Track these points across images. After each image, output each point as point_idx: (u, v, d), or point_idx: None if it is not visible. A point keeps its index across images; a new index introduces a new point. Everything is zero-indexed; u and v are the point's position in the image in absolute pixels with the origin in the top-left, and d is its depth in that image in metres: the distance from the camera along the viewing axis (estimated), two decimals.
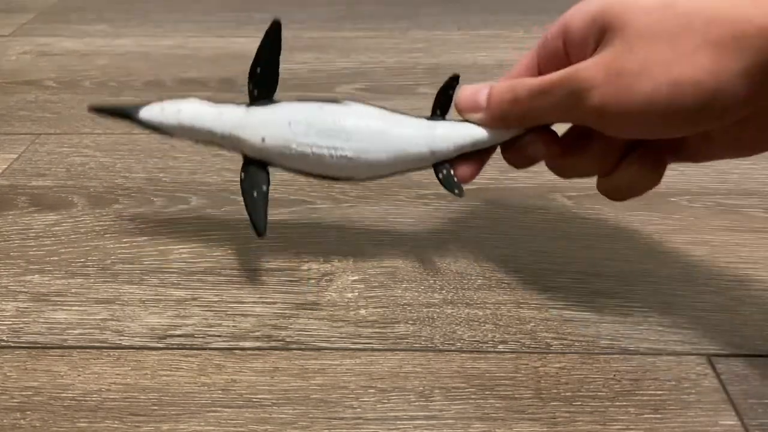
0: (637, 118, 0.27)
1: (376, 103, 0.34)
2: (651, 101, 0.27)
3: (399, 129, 0.33)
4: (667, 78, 0.26)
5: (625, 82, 0.27)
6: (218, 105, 0.35)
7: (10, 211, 0.43)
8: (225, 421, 0.29)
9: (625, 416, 0.29)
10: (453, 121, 0.34)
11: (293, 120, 0.33)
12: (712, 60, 0.26)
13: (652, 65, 0.27)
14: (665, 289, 0.36)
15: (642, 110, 0.27)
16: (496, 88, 0.32)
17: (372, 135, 0.33)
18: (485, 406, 0.30)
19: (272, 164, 0.34)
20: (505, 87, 0.32)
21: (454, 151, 0.33)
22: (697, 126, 0.28)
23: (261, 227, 0.34)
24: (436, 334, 0.33)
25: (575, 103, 0.29)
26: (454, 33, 0.75)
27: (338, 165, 0.33)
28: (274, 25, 0.34)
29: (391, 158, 0.33)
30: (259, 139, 0.33)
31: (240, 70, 0.65)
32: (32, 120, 0.55)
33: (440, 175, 0.34)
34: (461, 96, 0.33)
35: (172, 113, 0.35)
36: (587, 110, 0.28)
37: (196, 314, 0.35)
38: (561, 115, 0.30)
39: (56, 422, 0.29)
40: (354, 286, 0.37)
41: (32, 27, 0.77)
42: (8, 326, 0.34)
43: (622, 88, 0.27)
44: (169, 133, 0.35)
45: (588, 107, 0.28)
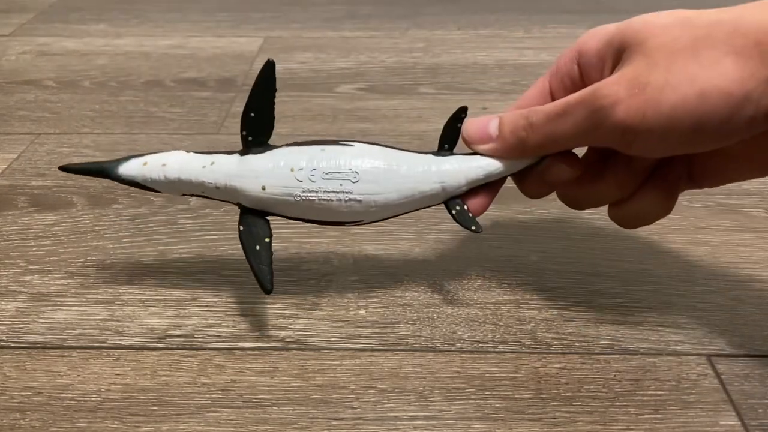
0: (664, 132, 0.27)
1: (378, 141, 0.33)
2: (678, 114, 0.26)
3: (408, 167, 0.31)
4: (694, 89, 0.26)
5: (651, 96, 0.26)
6: (208, 154, 0.32)
7: (10, 211, 0.43)
8: (225, 421, 0.29)
9: (625, 416, 0.29)
10: (462, 155, 0.32)
11: (295, 166, 0.31)
12: (737, 68, 0.25)
13: (677, 77, 0.26)
14: (665, 289, 0.36)
15: (669, 124, 0.26)
16: (508, 117, 0.31)
17: (381, 175, 0.31)
18: (485, 407, 0.30)
19: (273, 213, 0.32)
20: (518, 114, 0.31)
21: (466, 185, 0.32)
22: (725, 138, 0.27)
23: (268, 285, 0.31)
24: (436, 334, 0.33)
25: (598, 121, 0.28)
26: (454, 33, 0.75)
27: (347, 210, 0.31)
28: (267, 66, 0.31)
29: (402, 198, 0.31)
30: (258, 188, 0.31)
31: (239, 70, 0.65)
32: (32, 120, 0.55)
33: (453, 212, 0.32)
34: (469, 128, 0.32)
35: (156, 167, 0.32)
36: (611, 128, 0.27)
37: (196, 314, 0.35)
38: (582, 137, 0.29)
39: (56, 422, 0.29)
40: (354, 286, 0.37)
41: (32, 27, 0.77)
42: (8, 326, 0.34)
43: (647, 102, 0.26)
44: (154, 188, 0.33)
45: (611, 125, 0.27)
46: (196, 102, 0.58)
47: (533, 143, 0.30)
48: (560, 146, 0.31)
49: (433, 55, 0.69)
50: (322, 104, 0.58)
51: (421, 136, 0.52)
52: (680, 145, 0.28)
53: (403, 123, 0.55)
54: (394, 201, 0.31)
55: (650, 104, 0.26)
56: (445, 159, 0.32)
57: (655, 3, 0.84)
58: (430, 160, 0.32)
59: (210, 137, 0.52)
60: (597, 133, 0.28)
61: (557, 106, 0.29)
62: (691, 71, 0.26)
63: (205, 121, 0.55)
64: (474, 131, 0.32)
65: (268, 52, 0.69)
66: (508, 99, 0.59)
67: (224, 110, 0.57)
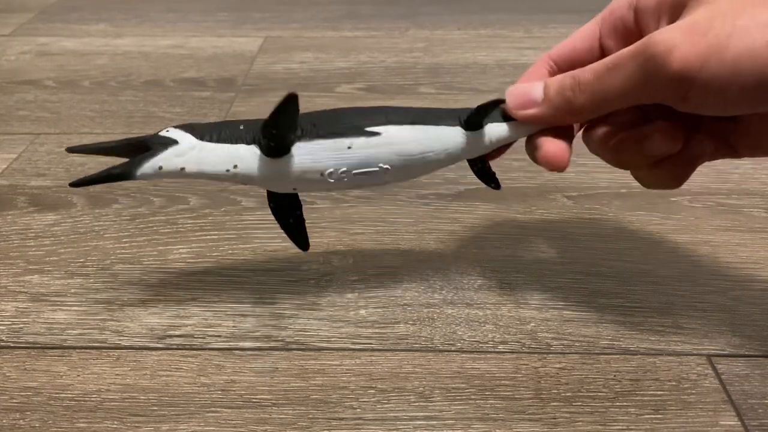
0: (725, 84, 0.24)
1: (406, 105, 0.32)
2: (744, 64, 0.24)
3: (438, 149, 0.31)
4: (765, 37, 0.23)
5: (713, 42, 0.24)
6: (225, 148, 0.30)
7: (10, 211, 0.43)
8: (225, 421, 0.29)
9: (625, 416, 0.29)
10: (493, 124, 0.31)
11: (324, 169, 0.30)
12: None
13: (746, 24, 0.24)
14: (665, 289, 0.36)
15: (732, 75, 0.24)
16: (553, 78, 0.29)
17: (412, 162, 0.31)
18: (485, 407, 0.29)
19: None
20: (564, 75, 0.29)
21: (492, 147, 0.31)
22: None
23: (305, 246, 0.33)
24: (436, 335, 0.33)
25: (652, 72, 0.25)
26: (454, 33, 0.75)
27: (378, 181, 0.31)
28: (289, 98, 0.29)
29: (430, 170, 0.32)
30: (290, 189, 0.31)
31: (239, 70, 0.65)
32: (31, 120, 0.55)
33: (475, 168, 0.32)
34: (511, 94, 0.31)
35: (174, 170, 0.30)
36: (666, 79, 0.25)
37: (196, 314, 0.35)
38: (634, 92, 0.27)
39: (55, 422, 0.29)
40: (354, 286, 0.37)
41: (32, 27, 0.77)
42: (8, 326, 0.34)
43: (709, 48, 0.24)
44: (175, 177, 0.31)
45: (667, 74, 0.25)
46: (196, 102, 0.58)
47: (581, 103, 0.28)
48: (610, 105, 0.28)
49: (433, 55, 0.69)
50: (322, 104, 0.58)
51: None
52: (742, 101, 0.25)
53: None
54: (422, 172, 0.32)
55: (712, 51, 0.24)
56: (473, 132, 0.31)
57: None
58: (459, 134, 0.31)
59: None
60: (650, 87, 0.26)
61: (606, 61, 0.27)
62: (764, 18, 0.24)
63: (205, 121, 0.55)
64: (517, 97, 0.30)
65: (268, 52, 0.69)
66: None
67: (224, 110, 0.57)
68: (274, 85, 0.62)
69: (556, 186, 0.45)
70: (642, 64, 0.25)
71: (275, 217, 0.33)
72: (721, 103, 0.25)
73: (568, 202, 0.44)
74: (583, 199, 0.44)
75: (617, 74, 0.27)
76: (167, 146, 0.29)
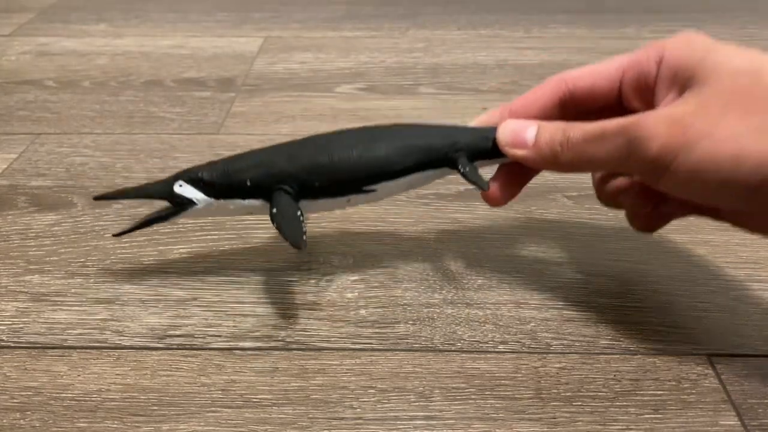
0: (690, 179, 0.27)
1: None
2: (707, 166, 0.26)
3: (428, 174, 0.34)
4: (733, 147, 0.26)
5: (688, 140, 0.27)
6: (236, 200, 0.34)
7: (10, 211, 0.43)
8: (225, 421, 0.29)
9: (625, 416, 0.29)
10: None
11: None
12: None
13: (721, 132, 0.26)
14: (665, 289, 0.36)
15: (696, 173, 0.27)
16: (546, 127, 0.31)
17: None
18: (485, 406, 0.30)
19: None
20: (556, 127, 0.31)
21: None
22: (747, 205, 0.27)
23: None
24: (436, 334, 0.33)
25: (632, 151, 0.28)
26: (454, 33, 0.75)
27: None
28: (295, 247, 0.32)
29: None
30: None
31: (239, 70, 0.65)
32: (32, 120, 0.55)
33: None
34: (505, 130, 0.32)
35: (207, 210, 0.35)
36: (643, 160, 0.28)
37: (196, 314, 0.35)
38: (615, 163, 0.29)
39: (56, 422, 0.29)
40: (354, 286, 0.37)
41: (32, 27, 0.77)
42: (8, 326, 0.34)
43: (683, 145, 0.27)
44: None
45: (645, 157, 0.28)
46: (196, 102, 0.58)
47: (566, 159, 0.30)
48: (592, 168, 0.32)
49: (433, 55, 0.69)
50: (322, 104, 0.58)
51: None
52: (704, 196, 0.28)
53: None
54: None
55: (685, 149, 0.27)
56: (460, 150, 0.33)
57: (655, 3, 0.84)
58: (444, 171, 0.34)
59: (210, 137, 0.52)
60: (630, 163, 0.29)
61: (596, 128, 0.29)
62: (737, 130, 0.26)
63: (205, 121, 0.55)
64: (510, 134, 0.32)
65: (268, 52, 0.69)
66: (508, 99, 0.58)
67: (224, 110, 0.57)
68: (274, 85, 0.62)
69: (556, 186, 0.45)
70: (627, 142, 0.28)
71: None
72: (688, 194, 0.28)
73: (568, 202, 0.44)
74: (583, 199, 0.44)
75: (604, 144, 0.29)
76: (187, 207, 0.34)
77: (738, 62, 0.27)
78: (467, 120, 0.35)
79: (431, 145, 0.33)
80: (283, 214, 0.32)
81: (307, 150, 0.33)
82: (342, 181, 0.33)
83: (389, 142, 0.33)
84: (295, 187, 0.33)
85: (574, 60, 0.67)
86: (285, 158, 0.33)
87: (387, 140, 0.33)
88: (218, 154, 0.50)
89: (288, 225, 0.32)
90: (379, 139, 0.33)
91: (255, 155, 0.34)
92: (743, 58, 0.28)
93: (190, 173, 0.34)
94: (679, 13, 0.80)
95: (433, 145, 0.33)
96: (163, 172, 0.48)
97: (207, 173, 0.34)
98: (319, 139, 0.34)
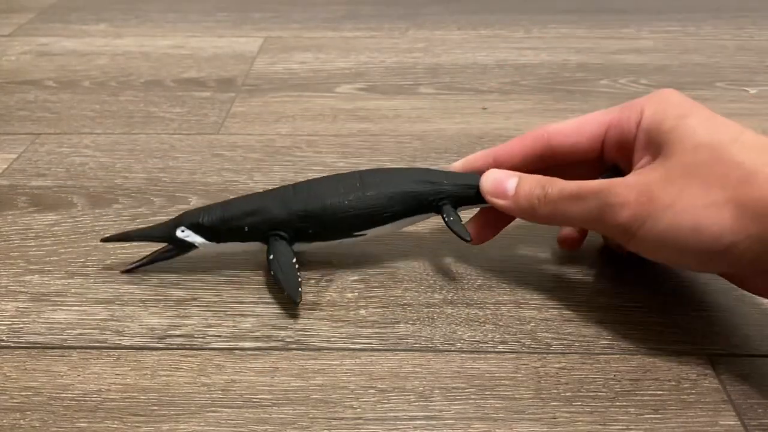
0: (656, 245, 0.30)
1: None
2: (670, 236, 0.29)
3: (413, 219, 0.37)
4: (692, 220, 0.28)
5: (654, 209, 0.29)
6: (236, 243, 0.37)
7: (10, 211, 0.43)
8: (225, 421, 0.29)
9: (625, 416, 0.29)
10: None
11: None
12: (735, 217, 0.27)
13: (682, 203, 0.28)
14: (665, 289, 0.36)
15: (661, 240, 0.29)
16: (526, 181, 0.34)
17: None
18: (485, 406, 0.30)
19: None
20: (536, 182, 0.33)
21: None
22: (708, 269, 0.32)
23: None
24: (436, 334, 0.33)
25: (604, 215, 0.30)
26: (454, 33, 0.75)
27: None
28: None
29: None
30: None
31: (239, 70, 0.65)
32: (32, 120, 0.55)
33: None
34: (488, 179, 0.35)
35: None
36: (615, 225, 0.30)
37: (196, 314, 0.35)
38: (588, 222, 0.32)
39: (56, 422, 0.29)
40: (354, 286, 0.37)
41: (32, 27, 0.77)
42: (8, 326, 0.34)
43: (650, 214, 0.29)
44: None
45: (616, 223, 0.30)
46: (196, 102, 0.58)
47: (542, 213, 0.33)
48: (567, 224, 0.35)
49: (433, 55, 0.69)
50: (322, 104, 0.58)
51: (421, 136, 0.52)
52: (668, 259, 0.31)
53: (403, 123, 0.55)
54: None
55: (651, 216, 0.29)
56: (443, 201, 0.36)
57: (655, 3, 0.84)
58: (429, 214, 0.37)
59: (210, 137, 0.52)
60: (602, 225, 0.31)
61: (573, 189, 0.32)
62: (696, 203, 0.28)
63: (205, 121, 0.55)
64: (492, 185, 0.35)
65: (268, 52, 0.69)
66: (508, 99, 0.59)
67: (224, 110, 0.57)
68: (274, 85, 0.62)
69: None
70: (600, 207, 0.30)
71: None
72: (655, 257, 0.31)
73: None
74: None
75: (579, 205, 0.31)
76: (190, 249, 0.37)
77: (701, 136, 0.29)
78: (467, 119, 0.35)
79: (420, 193, 0.36)
80: (280, 264, 0.35)
81: (301, 196, 0.36)
82: (334, 228, 0.36)
83: (380, 190, 0.36)
84: (290, 233, 0.36)
85: (574, 60, 0.67)
86: (280, 205, 0.36)
87: (377, 188, 0.36)
88: (218, 154, 0.50)
89: (285, 277, 0.34)
90: (369, 186, 0.36)
91: (252, 201, 0.36)
92: (707, 132, 0.29)
93: (191, 218, 0.36)
94: (679, 13, 0.80)
95: (422, 193, 0.36)
96: (163, 172, 0.48)
97: (207, 218, 0.36)
98: (312, 186, 0.36)
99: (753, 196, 0.27)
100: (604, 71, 0.64)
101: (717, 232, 0.28)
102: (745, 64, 0.66)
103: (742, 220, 0.27)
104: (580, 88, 0.61)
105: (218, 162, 0.49)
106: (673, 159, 0.29)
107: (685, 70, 0.65)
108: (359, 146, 0.51)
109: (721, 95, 0.59)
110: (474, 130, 0.53)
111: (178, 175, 0.47)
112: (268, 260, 0.35)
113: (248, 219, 0.36)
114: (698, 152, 0.29)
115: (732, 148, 0.28)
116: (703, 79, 0.63)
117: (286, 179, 0.47)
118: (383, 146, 0.51)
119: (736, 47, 0.70)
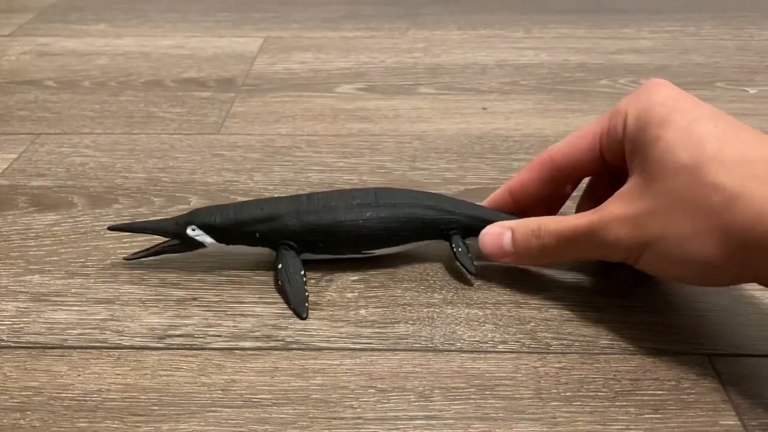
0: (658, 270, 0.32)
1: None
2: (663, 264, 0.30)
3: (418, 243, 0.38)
4: (680, 250, 0.29)
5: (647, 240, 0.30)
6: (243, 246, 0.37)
7: (10, 211, 0.43)
8: (225, 421, 0.29)
9: (625, 416, 0.29)
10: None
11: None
12: (720, 244, 0.28)
13: (671, 234, 0.29)
14: (665, 289, 0.36)
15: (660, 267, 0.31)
16: (519, 233, 0.34)
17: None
18: (485, 406, 0.30)
19: None
20: (529, 233, 0.34)
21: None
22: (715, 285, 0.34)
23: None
24: (436, 334, 0.33)
25: (604, 252, 0.32)
26: (454, 33, 0.75)
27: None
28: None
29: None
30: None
31: (239, 70, 0.65)
32: (32, 120, 0.55)
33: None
34: (486, 241, 0.36)
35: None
36: (615, 254, 0.32)
37: (196, 314, 0.35)
38: (591, 256, 0.34)
39: (56, 422, 0.29)
40: (354, 286, 0.37)
41: (32, 27, 0.77)
42: (8, 326, 0.34)
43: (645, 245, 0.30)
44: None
45: (616, 257, 0.32)
46: (196, 102, 0.58)
47: (544, 258, 0.35)
48: (569, 260, 0.37)
49: (433, 55, 0.69)
50: (322, 104, 0.58)
51: (421, 136, 0.52)
52: (675, 279, 0.34)
53: (403, 123, 0.55)
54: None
55: (646, 248, 0.30)
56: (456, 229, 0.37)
57: (655, 3, 0.84)
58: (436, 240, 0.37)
59: (210, 137, 0.53)
60: (603, 255, 0.33)
61: (567, 234, 0.33)
62: (682, 233, 0.29)
63: (205, 121, 0.55)
64: (491, 246, 0.35)
65: (268, 52, 0.69)
66: (507, 99, 0.59)
67: (224, 110, 0.57)
68: (274, 85, 0.62)
69: None
70: (597, 245, 0.32)
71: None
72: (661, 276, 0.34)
73: (569, 201, 0.44)
74: None
75: (576, 246, 0.33)
76: (198, 247, 0.37)
77: (681, 156, 0.29)
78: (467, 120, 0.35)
79: (432, 220, 0.37)
80: (288, 276, 0.35)
81: (314, 208, 0.36)
82: (345, 245, 0.36)
83: (393, 212, 0.36)
84: (300, 243, 0.36)
85: (574, 60, 0.67)
86: (293, 216, 0.36)
87: (392, 210, 0.36)
88: (218, 154, 0.50)
89: (292, 290, 0.35)
90: (383, 207, 0.36)
91: (265, 207, 0.36)
92: (685, 150, 0.29)
93: (203, 218, 0.36)
94: (679, 12, 0.80)
95: (434, 220, 0.37)
96: (163, 172, 0.48)
97: (219, 220, 0.36)
98: (327, 199, 0.37)
99: (736, 223, 0.27)
100: (604, 71, 0.64)
101: (704, 260, 0.28)
102: (745, 64, 0.66)
103: (728, 246, 0.27)
104: (580, 88, 0.61)
105: (218, 162, 0.49)
106: (657, 185, 0.29)
107: (684, 70, 0.65)
108: (359, 146, 0.51)
109: (721, 95, 0.59)
110: (474, 130, 0.53)
111: (178, 175, 0.47)
112: (277, 269, 0.36)
113: (260, 226, 0.36)
114: (679, 176, 0.29)
115: (711, 168, 0.28)
116: (703, 79, 0.63)
117: (286, 179, 0.47)
118: (383, 146, 0.51)
119: (736, 47, 0.70)
